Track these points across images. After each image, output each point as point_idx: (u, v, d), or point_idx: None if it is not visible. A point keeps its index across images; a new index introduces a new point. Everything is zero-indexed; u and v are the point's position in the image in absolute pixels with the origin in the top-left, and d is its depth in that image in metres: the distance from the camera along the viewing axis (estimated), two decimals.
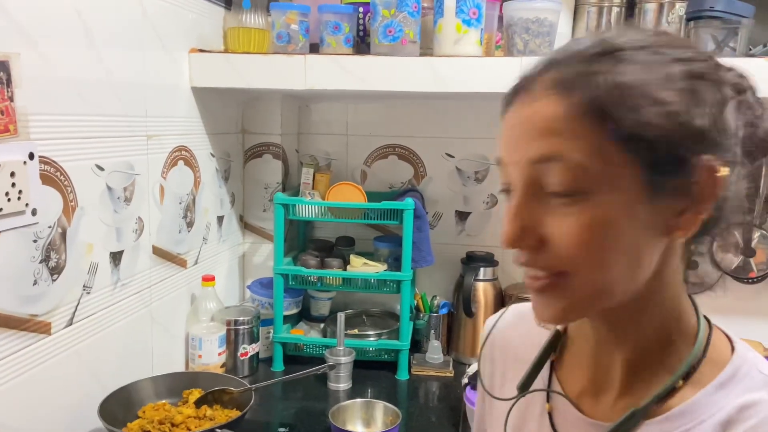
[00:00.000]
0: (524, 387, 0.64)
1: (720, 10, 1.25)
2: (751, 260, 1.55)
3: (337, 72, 1.34)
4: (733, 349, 0.57)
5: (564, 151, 0.49)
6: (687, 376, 0.55)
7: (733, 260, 1.53)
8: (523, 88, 0.54)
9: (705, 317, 0.59)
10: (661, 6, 1.43)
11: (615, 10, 1.49)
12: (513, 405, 0.65)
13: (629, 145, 0.49)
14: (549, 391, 0.63)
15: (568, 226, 0.50)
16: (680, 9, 1.40)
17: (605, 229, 0.50)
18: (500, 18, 1.43)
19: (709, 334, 0.57)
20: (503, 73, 1.29)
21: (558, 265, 0.51)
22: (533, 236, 0.52)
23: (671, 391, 0.55)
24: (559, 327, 0.65)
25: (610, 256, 0.51)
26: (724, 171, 0.50)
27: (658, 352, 0.56)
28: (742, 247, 1.53)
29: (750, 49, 1.28)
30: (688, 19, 1.32)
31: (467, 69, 1.30)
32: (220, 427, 0.96)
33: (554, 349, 0.65)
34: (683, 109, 0.49)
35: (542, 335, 0.67)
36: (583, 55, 0.52)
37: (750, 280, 1.57)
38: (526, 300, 0.72)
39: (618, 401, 0.58)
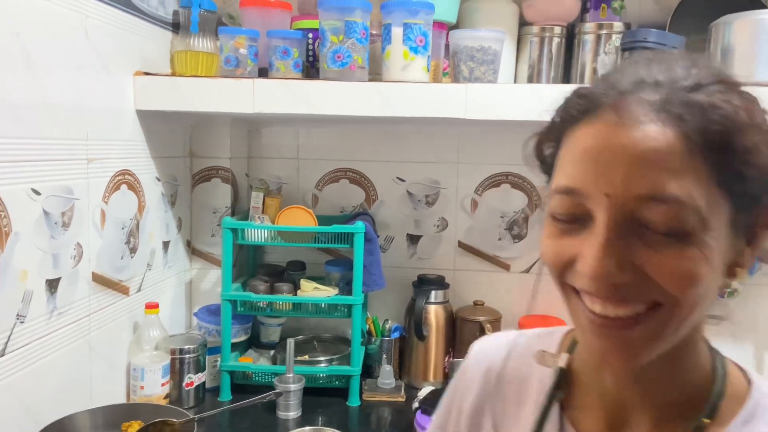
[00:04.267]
0: None
1: (652, 41, 1.31)
2: None
3: (285, 96, 1.34)
4: (749, 381, 0.56)
5: (679, 194, 0.45)
6: (711, 415, 0.53)
7: None
8: (611, 103, 0.48)
9: (717, 351, 0.58)
10: (598, 37, 1.49)
11: (556, 40, 1.55)
12: None
13: (730, 184, 0.47)
14: None
15: (673, 262, 0.46)
16: (616, 40, 1.46)
17: (707, 266, 0.47)
18: (447, 46, 1.46)
19: (725, 368, 0.56)
20: (450, 98, 1.32)
21: (656, 297, 0.47)
22: (629, 271, 0.47)
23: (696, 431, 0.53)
24: (561, 364, 0.61)
25: (705, 293, 0.48)
26: None
27: (684, 392, 0.55)
28: None
29: None
30: (623, 50, 1.38)
31: (414, 94, 1.32)
32: None
33: (559, 388, 0.61)
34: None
35: (539, 371, 0.63)
36: (690, 81, 0.48)
37: None
38: (477, 322, 0.68)
39: None
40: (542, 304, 1.73)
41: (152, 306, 1.36)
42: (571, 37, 1.56)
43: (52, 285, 1.10)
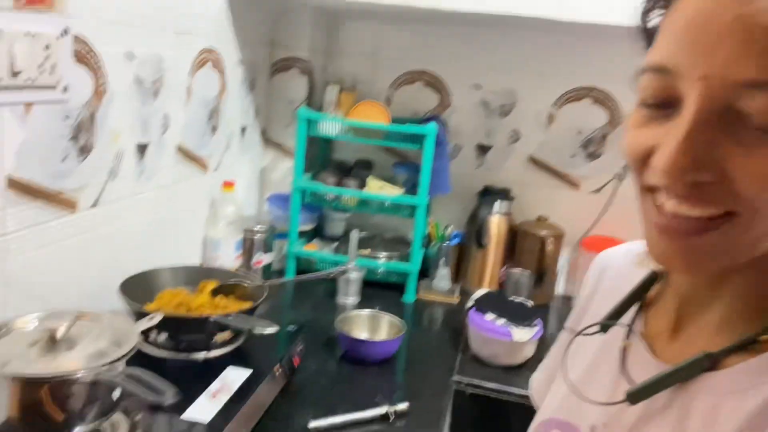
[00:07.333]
0: (606, 322, 0.61)
1: None
2: None
3: None
4: None
5: None
6: None
7: None
8: None
9: None
10: None
11: None
12: (593, 335, 0.62)
13: None
14: (628, 329, 0.60)
15: (763, 165, 0.40)
16: None
17: None
18: None
19: None
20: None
21: (734, 205, 0.42)
22: (709, 170, 0.41)
23: (750, 345, 0.48)
24: (654, 268, 0.60)
25: None
26: None
27: (750, 306, 0.51)
28: None
29: None
30: None
31: None
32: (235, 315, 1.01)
33: (646, 290, 0.61)
34: None
35: (641, 274, 0.62)
36: None
37: None
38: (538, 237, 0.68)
39: (693, 347, 0.52)
40: (608, 225, 1.71)
41: (229, 184, 1.43)
42: None
43: (141, 150, 1.16)
